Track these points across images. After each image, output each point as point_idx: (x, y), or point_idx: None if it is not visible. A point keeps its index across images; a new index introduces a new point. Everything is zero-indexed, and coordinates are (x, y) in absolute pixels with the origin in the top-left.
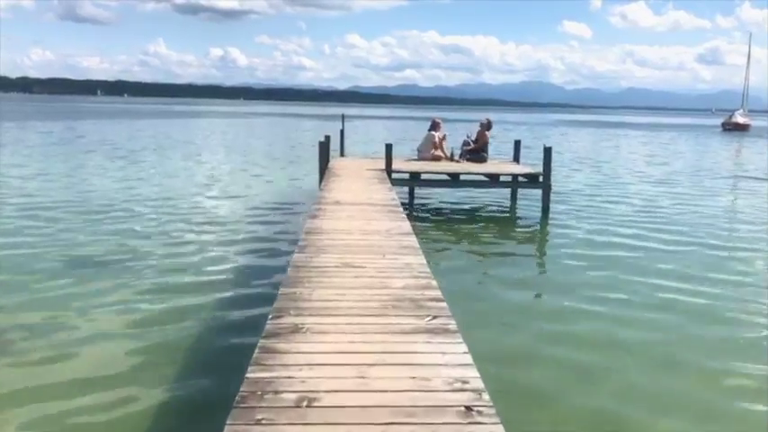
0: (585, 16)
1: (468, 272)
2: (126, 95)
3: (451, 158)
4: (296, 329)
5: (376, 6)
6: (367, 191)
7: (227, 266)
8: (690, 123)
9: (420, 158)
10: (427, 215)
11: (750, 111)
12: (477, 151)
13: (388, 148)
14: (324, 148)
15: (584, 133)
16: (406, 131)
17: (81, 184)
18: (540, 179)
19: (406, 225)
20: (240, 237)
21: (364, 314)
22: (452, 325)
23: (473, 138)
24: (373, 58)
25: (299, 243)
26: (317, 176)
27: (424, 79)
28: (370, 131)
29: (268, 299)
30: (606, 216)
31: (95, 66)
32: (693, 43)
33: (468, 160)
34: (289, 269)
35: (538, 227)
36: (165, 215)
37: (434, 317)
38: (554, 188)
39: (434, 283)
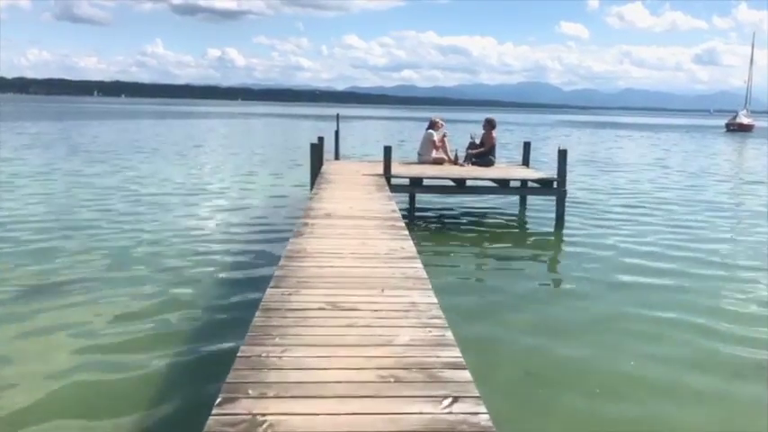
0: (583, 17)
1: (485, 313)
2: (123, 96)
3: (455, 161)
4: (252, 428)
5: (374, 7)
6: (363, 200)
7: (176, 315)
8: (692, 124)
9: (421, 161)
10: (428, 225)
11: (750, 111)
12: (484, 154)
13: (387, 150)
14: (316, 150)
15: (586, 134)
16: (405, 132)
17: (37, 194)
18: (554, 185)
19: (410, 245)
20: (210, 266)
21: (354, 394)
22: (483, 416)
23: (477, 139)
24: (371, 58)
25: (276, 273)
26: (309, 181)
27: (421, 80)
28: (367, 132)
29: (219, 368)
30: (629, 226)
31: (93, 66)
32: (690, 44)
33: (473, 163)
34: (256, 314)
35: (552, 239)
36: (125, 236)
37: (455, 399)
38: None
39: (450, 335)
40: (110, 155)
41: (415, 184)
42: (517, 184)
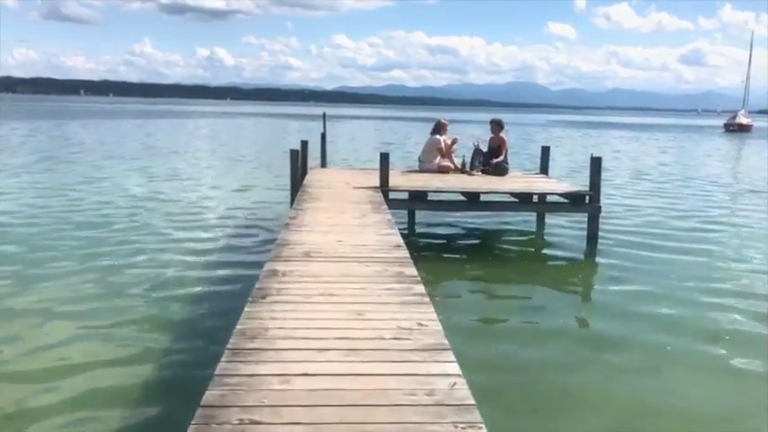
0: (570, 17)
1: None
2: (111, 95)
3: (463, 170)
4: None
5: (362, 7)
6: (355, 228)
7: None
8: (686, 124)
9: (423, 170)
10: (430, 246)
11: (731, 111)
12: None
13: (384, 158)
14: (297, 158)
15: (582, 134)
16: (398, 133)
17: None
18: (587, 200)
19: (432, 317)
20: (124, 352)
21: None
22: None
23: (483, 145)
24: (360, 58)
25: (214, 379)
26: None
27: (411, 79)
28: (357, 134)
29: None
30: (676, 245)
31: (80, 65)
32: (676, 44)
33: (484, 172)
34: None
35: (585, 268)
36: (39, 276)
37: None
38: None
39: None
40: (77, 156)
41: (418, 198)
42: (553, 199)
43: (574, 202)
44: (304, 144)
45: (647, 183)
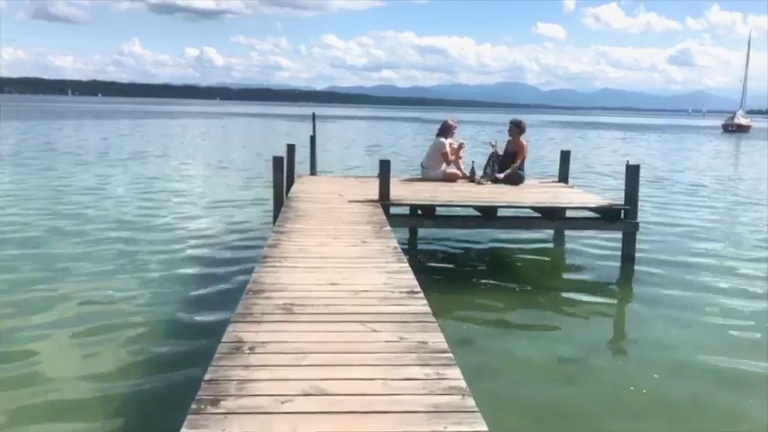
0: (559, 17)
1: None
2: (100, 95)
3: (472, 178)
4: None
5: (352, 7)
6: (354, 263)
7: None
8: (680, 124)
9: (426, 178)
10: (435, 269)
11: (720, 111)
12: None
13: (384, 167)
14: (281, 165)
15: (581, 135)
16: (390, 134)
17: None
18: (622, 215)
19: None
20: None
21: None
22: None
23: (500, 148)
24: (350, 58)
25: None
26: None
27: (401, 80)
28: (349, 135)
29: None
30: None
31: (69, 65)
32: (665, 45)
33: (495, 181)
34: None
35: (624, 295)
36: None
37: None
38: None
39: None
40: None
41: (425, 213)
42: (574, 214)
43: (607, 217)
44: (290, 148)
45: (674, 191)
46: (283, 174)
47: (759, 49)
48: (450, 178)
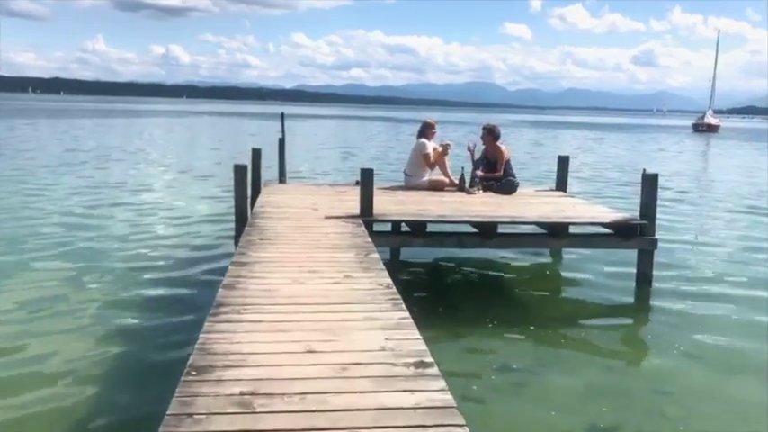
0: (526, 18)
1: None
2: (63, 93)
3: (461, 186)
4: None
5: (320, 6)
6: (337, 315)
7: None
8: (649, 124)
9: (410, 186)
10: (419, 289)
11: (682, 111)
12: (496, 178)
13: (366, 176)
14: (244, 176)
15: (554, 136)
16: (362, 133)
17: None
18: (638, 231)
19: None
20: None
21: None
22: None
23: (477, 151)
24: (319, 57)
25: None
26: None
27: (370, 79)
28: (319, 134)
29: None
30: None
31: (30, 62)
32: (629, 45)
33: (487, 189)
34: None
35: (641, 323)
36: None
37: None
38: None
39: None
40: None
41: (414, 231)
42: (577, 229)
43: (621, 233)
44: (256, 153)
45: (672, 199)
46: (246, 185)
47: (721, 50)
48: (437, 186)
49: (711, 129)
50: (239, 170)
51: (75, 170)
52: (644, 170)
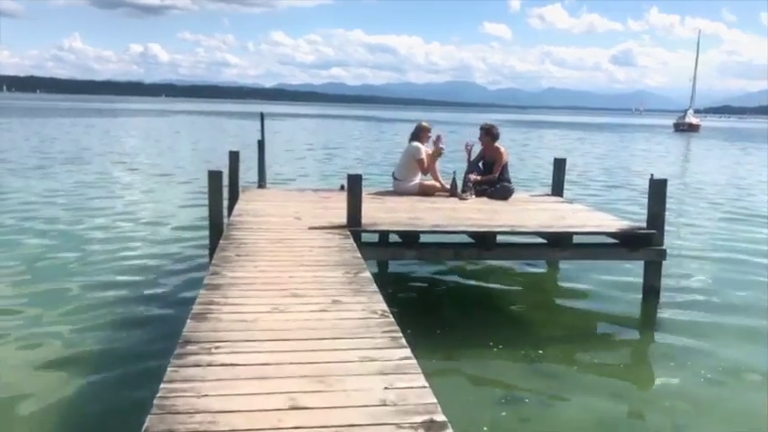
0: (505, 17)
1: None
2: (39, 92)
3: (452, 191)
4: None
5: (300, 4)
6: (325, 354)
7: None
8: (630, 123)
9: (399, 191)
10: (406, 302)
11: (660, 111)
12: (492, 181)
13: (354, 182)
14: (219, 183)
15: (539, 136)
16: (342, 133)
17: None
18: (646, 240)
19: None
20: None
21: None
22: None
23: (473, 151)
24: (299, 55)
25: None
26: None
27: (351, 78)
28: (300, 134)
29: None
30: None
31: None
32: (607, 45)
33: (480, 194)
34: None
35: (648, 341)
36: None
37: None
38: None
39: None
40: None
41: (406, 242)
42: (581, 239)
43: (627, 243)
44: (233, 157)
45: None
46: (222, 193)
47: (694, 51)
48: (428, 191)
49: (693, 128)
50: (214, 177)
51: (41, 173)
52: (651, 175)
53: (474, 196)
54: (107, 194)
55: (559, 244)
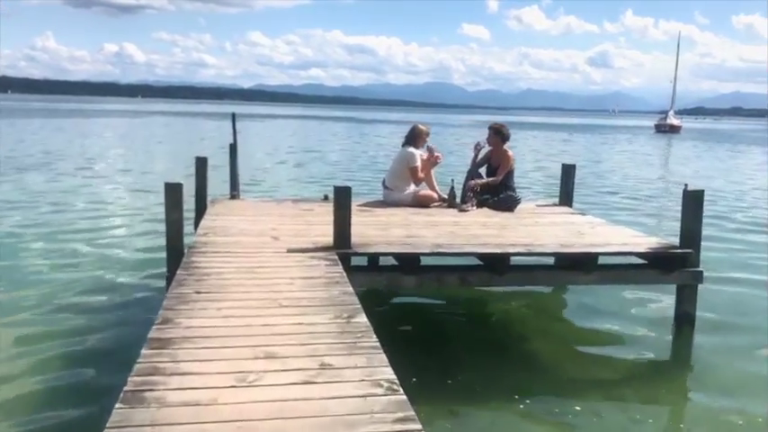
0: (483, 19)
1: None
2: (10, 92)
3: (451, 202)
4: None
5: (277, 4)
6: None
7: None
8: (610, 124)
9: (391, 202)
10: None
11: (635, 112)
12: (495, 188)
13: (341, 197)
14: (178, 197)
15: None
16: (322, 135)
17: None
18: (680, 261)
19: None
20: None
21: None
22: None
23: (481, 152)
24: (277, 56)
25: None
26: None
27: (330, 78)
28: (279, 137)
29: None
30: None
31: None
32: (584, 47)
33: (482, 204)
34: None
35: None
36: None
37: None
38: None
39: None
40: None
41: (404, 266)
42: (606, 259)
43: (659, 264)
44: (200, 164)
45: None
46: (182, 209)
47: (669, 52)
48: (423, 202)
49: (674, 129)
50: (172, 190)
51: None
52: (685, 186)
53: (475, 207)
54: (61, 206)
55: (582, 266)
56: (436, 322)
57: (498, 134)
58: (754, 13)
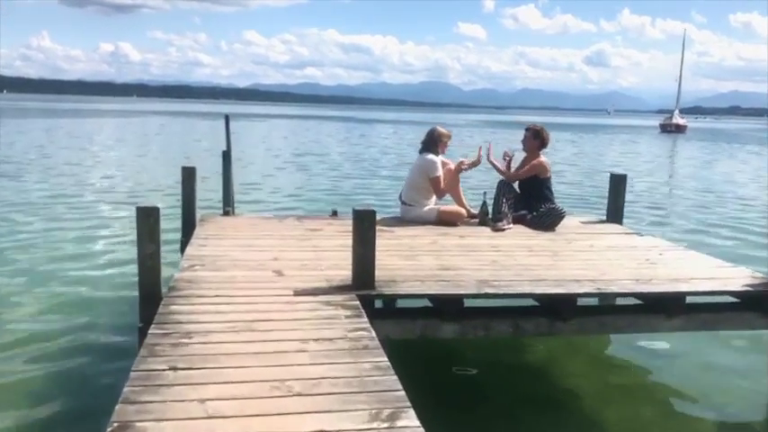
0: (479, 18)
1: None
2: (5, 92)
3: (482, 219)
4: None
5: (273, 3)
6: None
7: None
8: (611, 124)
9: (409, 219)
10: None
11: (632, 111)
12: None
13: (364, 222)
14: (154, 228)
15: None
16: (320, 136)
17: None
18: None
19: None
20: None
21: None
22: None
23: (514, 159)
24: (273, 55)
25: None
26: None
27: (325, 78)
28: (277, 138)
29: None
30: None
31: None
32: (581, 46)
33: (518, 221)
34: None
35: None
36: None
37: None
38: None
39: None
40: None
41: (443, 309)
42: (693, 299)
43: (757, 305)
44: (188, 174)
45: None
46: (158, 241)
47: (666, 51)
48: (450, 219)
49: (679, 129)
50: (145, 216)
51: None
52: None
53: (511, 225)
54: (29, 217)
55: (664, 308)
56: (447, 365)
57: (537, 137)
58: (752, 11)
